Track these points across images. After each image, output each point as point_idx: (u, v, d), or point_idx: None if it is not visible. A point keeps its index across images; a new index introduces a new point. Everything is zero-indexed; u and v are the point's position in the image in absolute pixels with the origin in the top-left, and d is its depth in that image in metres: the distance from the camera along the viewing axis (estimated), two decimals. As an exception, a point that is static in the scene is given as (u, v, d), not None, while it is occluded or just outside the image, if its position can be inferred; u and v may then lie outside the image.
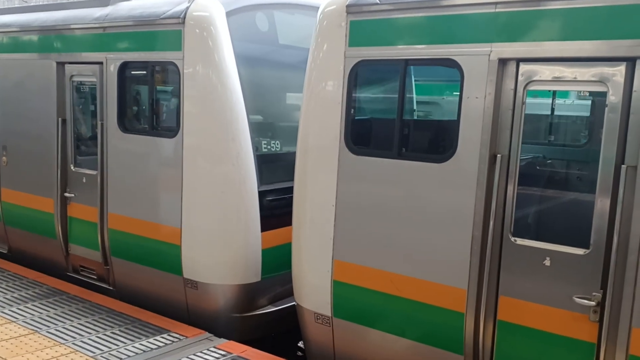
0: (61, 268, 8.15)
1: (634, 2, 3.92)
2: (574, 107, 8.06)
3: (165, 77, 6.92)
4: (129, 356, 5.80)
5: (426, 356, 4.99)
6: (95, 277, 7.77)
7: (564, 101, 8.10)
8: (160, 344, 6.09)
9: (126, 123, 7.10)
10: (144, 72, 6.96)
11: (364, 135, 5.42)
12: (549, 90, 6.27)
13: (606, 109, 4.11)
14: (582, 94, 7.37)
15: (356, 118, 5.34)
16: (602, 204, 4.15)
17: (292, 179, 5.79)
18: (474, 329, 4.70)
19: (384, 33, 5.02)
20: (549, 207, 5.23)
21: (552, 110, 6.86)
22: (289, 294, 6.37)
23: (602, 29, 4.04)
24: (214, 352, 5.93)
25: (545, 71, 4.33)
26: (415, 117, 7.00)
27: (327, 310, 5.52)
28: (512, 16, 4.40)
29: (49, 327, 6.43)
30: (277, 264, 6.51)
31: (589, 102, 6.89)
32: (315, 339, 5.74)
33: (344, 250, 5.35)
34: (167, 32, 6.51)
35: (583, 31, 4.11)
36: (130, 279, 7.26)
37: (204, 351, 5.94)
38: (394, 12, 4.94)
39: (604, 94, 4.15)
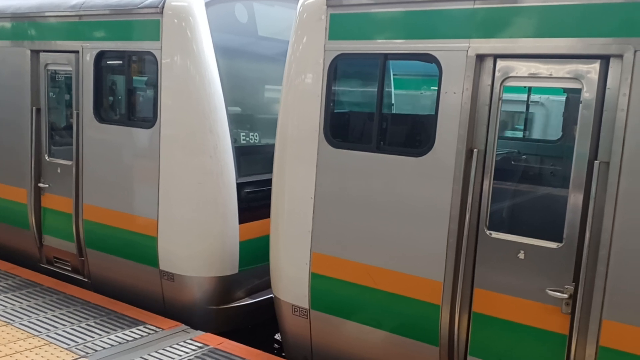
0: (35, 260, 8.03)
1: (608, 1, 3.99)
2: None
3: (142, 67, 6.84)
4: (104, 348, 5.76)
5: (402, 347, 5.05)
6: (69, 269, 7.68)
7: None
8: (136, 336, 6.05)
9: (102, 113, 7.01)
10: (121, 61, 6.87)
11: (343, 128, 5.44)
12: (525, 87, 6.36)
13: (580, 105, 4.18)
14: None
15: (335, 111, 5.35)
16: (575, 199, 4.24)
17: (270, 171, 5.79)
18: (449, 320, 4.77)
19: (364, 27, 5.03)
20: (524, 202, 5.31)
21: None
22: (267, 286, 6.38)
23: (577, 26, 4.11)
24: (190, 344, 5.92)
25: (522, 67, 4.39)
26: (394, 111, 7.03)
27: (304, 303, 5.54)
28: (489, 12, 4.44)
29: (22, 319, 6.34)
30: (255, 256, 6.51)
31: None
32: (293, 331, 5.76)
33: (322, 242, 5.37)
34: (145, 21, 6.43)
35: (558, 28, 4.17)
36: (105, 270, 7.19)
37: (180, 343, 5.92)
38: (373, 6, 4.96)
39: (578, 91, 4.23)
